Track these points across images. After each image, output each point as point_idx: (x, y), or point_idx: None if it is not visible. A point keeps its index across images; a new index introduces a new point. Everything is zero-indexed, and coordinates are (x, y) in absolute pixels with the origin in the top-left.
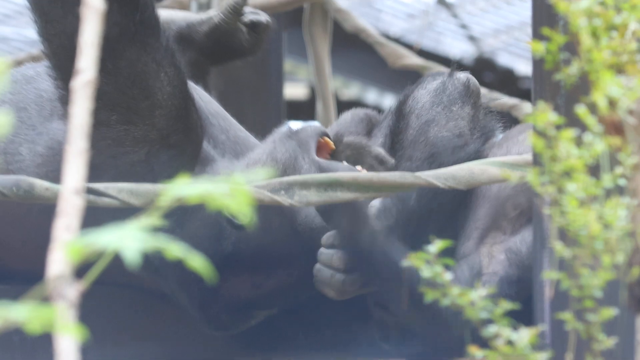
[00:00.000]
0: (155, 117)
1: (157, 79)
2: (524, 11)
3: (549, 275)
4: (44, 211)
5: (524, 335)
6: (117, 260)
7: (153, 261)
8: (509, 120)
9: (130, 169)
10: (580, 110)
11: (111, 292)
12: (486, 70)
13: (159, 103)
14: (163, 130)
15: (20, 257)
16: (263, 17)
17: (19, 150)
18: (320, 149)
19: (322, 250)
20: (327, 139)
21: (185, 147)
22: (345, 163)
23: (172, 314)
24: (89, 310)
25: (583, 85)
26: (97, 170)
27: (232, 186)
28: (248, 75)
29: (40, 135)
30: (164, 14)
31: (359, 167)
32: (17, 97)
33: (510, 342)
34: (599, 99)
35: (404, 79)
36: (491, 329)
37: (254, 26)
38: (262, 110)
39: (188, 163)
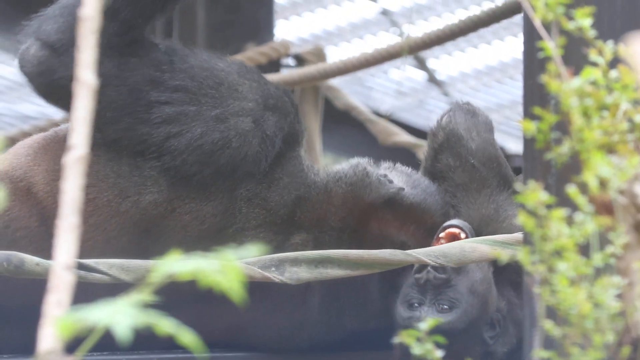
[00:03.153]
0: (241, 92)
1: (219, 69)
2: (515, 90)
3: (539, 354)
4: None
5: None
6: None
7: None
8: None
9: (244, 142)
10: (571, 190)
11: None
12: None
13: (235, 81)
14: (257, 98)
15: None
16: None
17: None
18: None
19: None
20: None
21: (287, 108)
22: None
23: None
24: None
25: (574, 165)
26: (208, 157)
27: (223, 263)
28: None
29: None
30: None
31: None
32: None
33: None
34: (589, 178)
35: (395, 156)
36: None
37: None
38: None
39: (297, 124)
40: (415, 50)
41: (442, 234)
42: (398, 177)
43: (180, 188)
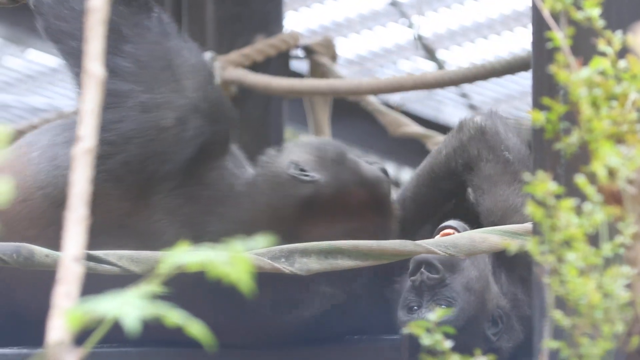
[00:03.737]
0: (181, 85)
1: (178, 56)
2: (524, 80)
3: (549, 344)
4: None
5: None
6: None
7: None
8: None
9: (157, 138)
10: (580, 180)
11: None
12: None
13: (182, 74)
14: (193, 97)
15: None
16: None
17: None
18: None
19: None
20: None
21: (218, 117)
22: None
23: None
24: None
25: (583, 155)
26: (121, 141)
27: (233, 254)
28: (248, 143)
29: None
30: None
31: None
32: None
33: None
34: (598, 168)
35: (405, 147)
36: None
37: None
38: None
39: (222, 138)
40: (456, 82)
41: (437, 236)
42: (306, 155)
43: (99, 180)
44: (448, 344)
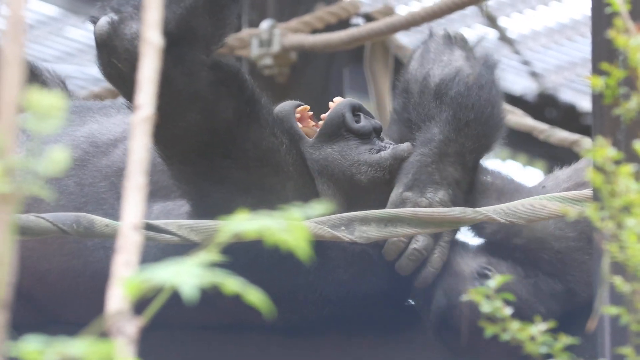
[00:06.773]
0: (287, 190)
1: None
2: (586, 47)
3: (609, 310)
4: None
5: None
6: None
7: None
8: (572, 156)
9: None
10: (639, 145)
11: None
12: (548, 107)
13: (289, 175)
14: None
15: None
16: None
17: None
18: (302, 119)
19: None
20: (304, 107)
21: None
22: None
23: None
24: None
25: None
26: None
27: (291, 222)
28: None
29: None
30: None
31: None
32: None
33: None
34: None
35: None
36: None
37: None
38: None
39: None
40: None
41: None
42: None
43: None
44: (508, 310)
